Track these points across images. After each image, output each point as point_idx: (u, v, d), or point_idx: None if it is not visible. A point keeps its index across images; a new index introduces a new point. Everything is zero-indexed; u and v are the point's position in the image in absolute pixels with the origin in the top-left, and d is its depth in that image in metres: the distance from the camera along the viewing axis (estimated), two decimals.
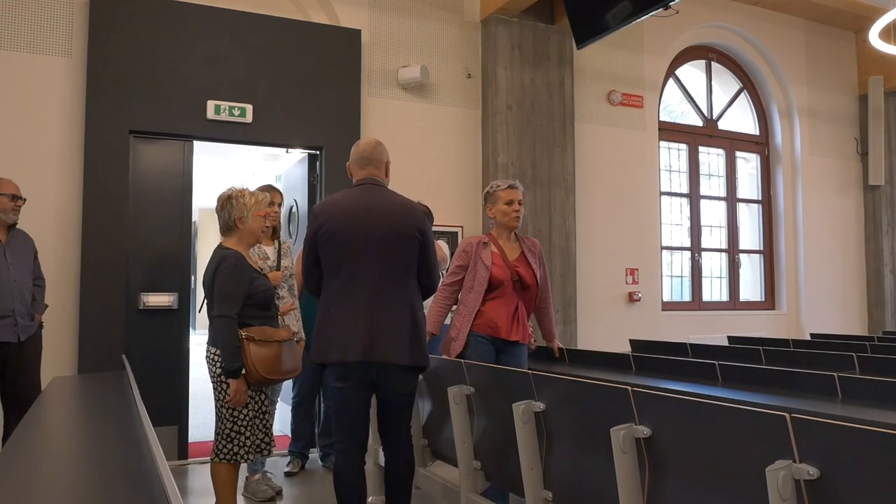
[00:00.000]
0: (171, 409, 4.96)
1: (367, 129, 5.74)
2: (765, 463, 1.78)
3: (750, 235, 8.14)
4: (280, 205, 4.52)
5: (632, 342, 5.17)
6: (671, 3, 4.84)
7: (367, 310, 2.87)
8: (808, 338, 6.31)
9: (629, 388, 2.21)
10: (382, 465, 3.23)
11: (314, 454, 5.04)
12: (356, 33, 5.73)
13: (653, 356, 3.92)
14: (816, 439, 1.72)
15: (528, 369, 3.67)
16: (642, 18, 5.38)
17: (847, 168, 8.45)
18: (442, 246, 4.90)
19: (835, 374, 2.82)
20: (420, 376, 3.21)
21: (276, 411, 4.98)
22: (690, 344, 4.67)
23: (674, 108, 7.98)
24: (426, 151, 5.98)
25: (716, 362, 3.36)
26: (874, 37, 6.31)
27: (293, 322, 4.27)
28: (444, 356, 3.59)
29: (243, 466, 3.85)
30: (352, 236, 2.92)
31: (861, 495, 1.65)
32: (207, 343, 3.35)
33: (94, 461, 2.08)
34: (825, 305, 8.11)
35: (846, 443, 1.67)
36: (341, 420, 2.98)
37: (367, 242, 2.91)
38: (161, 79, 5.04)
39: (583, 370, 3.87)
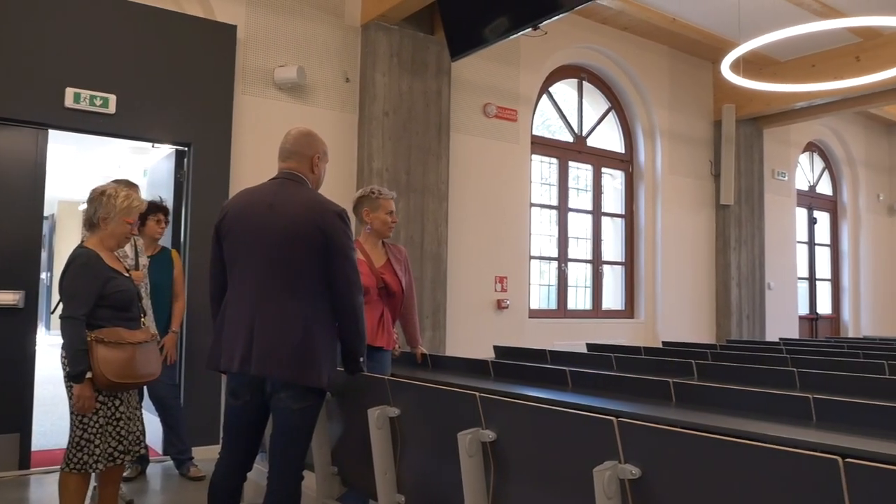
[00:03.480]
0: (13, 416, 4.64)
1: (240, 128, 5.62)
2: (595, 463, 1.89)
3: (613, 247, 8.57)
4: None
5: (496, 348, 5.32)
6: (539, 25, 5.05)
7: (249, 317, 2.63)
8: (661, 345, 6.71)
9: (476, 393, 2.29)
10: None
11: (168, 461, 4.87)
12: (231, 29, 5.59)
13: (511, 362, 4.05)
14: (639, 441, 1.85)
15: (392, 375, 3.72)
16: (513, 36, 5.58)
17: (702, 188, 9.06)
18: None
19: (670, 380, 3.04)
20: (327, 396, 2.94)
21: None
22: (550, 351, 4.86)
23: (552, 122, 8.27)
24: None
25: (567, 368, 3.53)
26: (726, 68, 6.81)
27: (150, 323, 4.12)
28: None
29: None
30: (246, 234, 2.69)
31: (677, 493, 1.79)
32: (61, 346, 3.18)
33: None
34: (679, 315, 8.66)
35: (665, 444, 1.81)
36: (225, 432, 2.82)
37: (260, 243, 2.65)
38: (13, 61, 4.72)
39: (444, 376, 3.95)
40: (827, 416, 2.53)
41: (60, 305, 3.19)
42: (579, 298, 8.21)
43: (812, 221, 11.00)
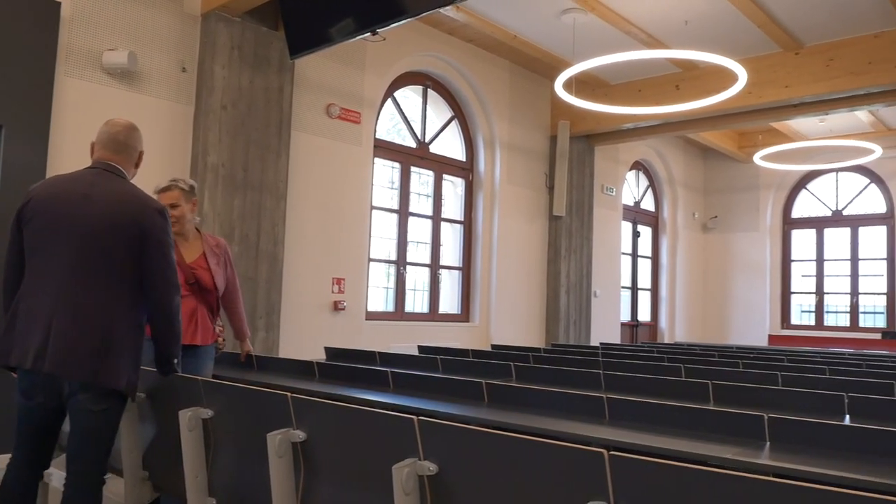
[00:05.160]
0: None
1: (61, 111, 5.25)
2: (397, 461, 1.96)
3: (451, 253, 8.80)
4: None
5: (327, 349, 5.32)
6: (379, 30, 5.12)
7: (48, 311, 2.46)
8: (490, 348, 6.98)
9: (288, 394, 2.30)
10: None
11: None
12: (55, 5, 5.22)
13: (337, 364, 4.08)
14: (438, 439, 1.94)
15: (214, 376, 3.64)
16: (353, 39, 5.62)
17: (537, 199, 9.52)
18: None
19: (483, 381, 3.19)
20: (138, 398, 2.82)
21: None
22: (380, 353, 4.93)
23: (402, 126, 8.36)
24: None
25: (388, 370, 3.60)
26: (559, 86, 7.21)
27: None
28: None
29: None
30: (55, 222, 2.53)
31: (472, 487, 1.90)
32: None
33: None
34: (512, 319, 9.03)
35: (460, 442, 1.91)
36: (17, 433, 2.62)
37: (70, 233, 2.51)
38: None
39: (269, 377, 3.91)
40: (618, 415, 2.76)
41: None
42: (417, 301, 8.36)
43: (636, 235, 11.84)
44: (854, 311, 12.39)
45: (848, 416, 3.21)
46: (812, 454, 2.36)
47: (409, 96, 8.41)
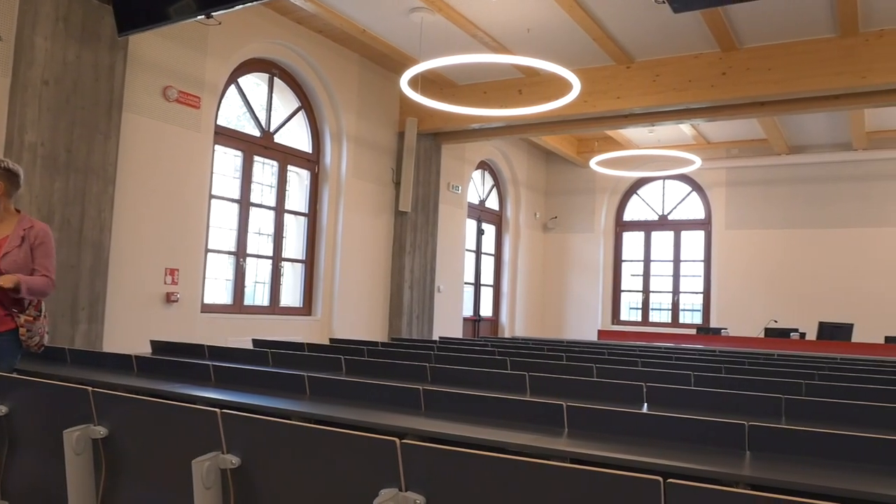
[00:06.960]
0: None
1: None
2: (200, 455, 1.94)
3: (295, 245, 8.69)
4: None
5: (153, 343, 5.11)
6: (216, 13, 4.97)
7: None
8: (328, 342, 6.97)
9: (89, 388, 2.20)
10: None
11: None
12: None
13: (158, 358, 3.93)
14: (241, 432, 1.93)
15: (17, 370, 3.40)
16: (186, 21, 5.41)
17: (383, 194, 9.59)
18: None
19: (304, 374, 3.20)
20: None
21: None
22: (209, 346, 4.79)
23: (248, 114, 8.12)
24: None
25: (210, 363, 3.52)
26: (404, 83, 7.30)
27: None
28: None
29: None
30: None
31: (274, 478, 1.91)
32: None
33: None
34: (355, 313, 9.05)
35: (263, 434, 1.91)
36: None
37: None
38: None
39: (83, 372, 3.70)
40: (434, 406, 2.86)
41: None
42: (258, 294, 8.18)
43: (480, 232, 12.21)
44: (675, 308, 13.43)
45: (646, 405, 3.50)
46: (605, 440, 2.56)
47: (257, 84, 8.21)
